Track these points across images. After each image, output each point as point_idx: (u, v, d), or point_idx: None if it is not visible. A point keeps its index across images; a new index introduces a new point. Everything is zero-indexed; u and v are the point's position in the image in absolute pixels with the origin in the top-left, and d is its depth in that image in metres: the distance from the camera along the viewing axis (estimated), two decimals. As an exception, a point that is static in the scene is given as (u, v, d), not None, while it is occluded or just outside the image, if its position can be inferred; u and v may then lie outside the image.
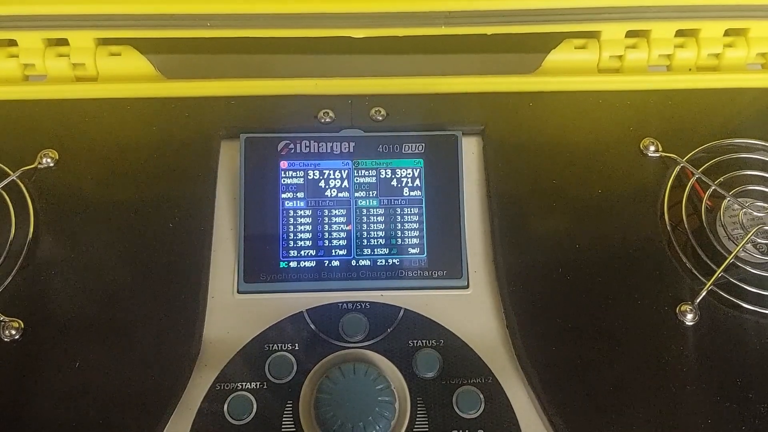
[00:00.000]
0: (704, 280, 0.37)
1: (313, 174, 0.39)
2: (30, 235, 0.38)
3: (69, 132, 0.41)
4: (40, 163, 0.40)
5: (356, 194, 0.39)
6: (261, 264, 0.38)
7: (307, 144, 0.40)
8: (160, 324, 0.36)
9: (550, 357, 0.35)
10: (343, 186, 0.39)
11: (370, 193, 0.39)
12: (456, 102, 0.42)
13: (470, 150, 0.41)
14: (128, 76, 0.43)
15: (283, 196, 0.39)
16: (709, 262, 0.37)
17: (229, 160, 0.40)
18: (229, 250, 0.39)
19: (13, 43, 0.43)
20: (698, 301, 0.36)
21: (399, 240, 0.39)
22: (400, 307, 0.37)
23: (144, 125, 0.41)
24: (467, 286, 0.38)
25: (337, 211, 0.39)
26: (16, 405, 0.34)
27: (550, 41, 0.44)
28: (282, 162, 0.39)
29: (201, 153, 0.40)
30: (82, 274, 0.37)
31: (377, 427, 0.33)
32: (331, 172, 0.39)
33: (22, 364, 0.35)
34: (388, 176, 0.39)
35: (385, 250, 0.38)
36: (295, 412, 0.35)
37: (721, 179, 0.39)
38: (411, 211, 0.39)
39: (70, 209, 0.38)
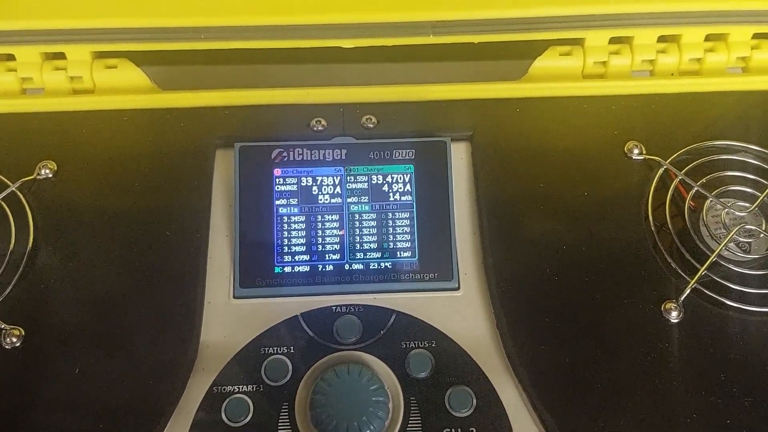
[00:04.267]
0: (688, 279, 0.38)
1: (307, 181, 0.40)
2: (30, 245, 0.38)
3: (67, 143, 0.41)
4: (39, 175, 0.40)
5: (348, 200, 0.40)
6: (256, 269, 0.39)
7: (300, 152, 0.41)
8: (158, 330, 0.37)
9: (539, 356, 0.36)
10: (335, 192, 0.40)
11: (362, 198, 0.40)
12: (445, 109, 0.43)
13: (459, 155, 0.42)
14: (124, 88, 0.44)
15: (277, 202, 0.40)
16: (692, 261, 0.38)
17: (224, 169, 0.41)
18: (225, 256, 0.39)
19: (11, 57, 0.44)
20: (683, 299, 0.37)
21: (391, 244, 0.39)
22: (393, 310, 0.38)
23: (140, 136, 0.42)
24: (458, 288, 0.39)
25: (330, 217, 0.40)
26: (17, 411, 0.35)
27: (536, 48, 0.46)
28: (276, 169, 0.40)
29: (196, 162, 0.41)
30: (81, 282, 0.38)
31: (371, 427, 0.34)
32: (324, 178, 0.40)
33: (23, 371, 0.36)
34: (380, 182, 0.40)
35: (378, 254, 0.39)
36: (291, 414, 0.35)
37: (704, 180, 0.40)
38: (402, 215, 0.40)
39: (68, 219, 0.39)
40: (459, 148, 0.42)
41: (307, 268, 0.39)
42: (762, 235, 0.39)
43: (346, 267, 0.39)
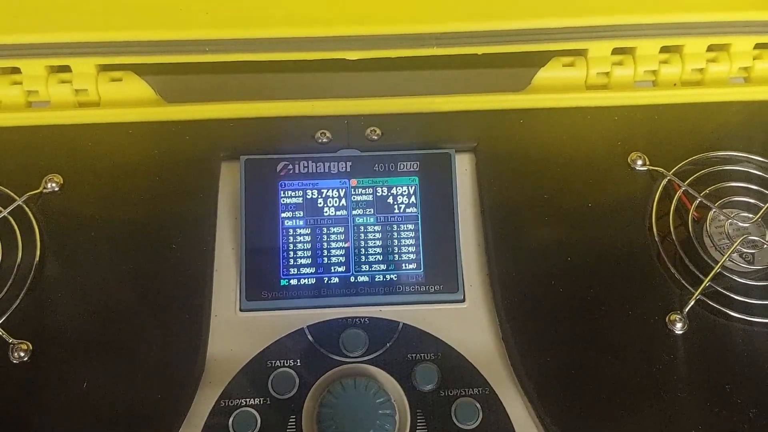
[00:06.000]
0: (692, 290, 0.38)
1: (312, 193, 0.40)
2: (36, 259, 0.38)
3: (73, 157, 0.41)
4: (45, 188, 0.40)
5: (354, 212, 0.40)
6: (262, 282, 0.39)
7: (306, 164, 0.41)
8: (165, 343, 0.37)
9: (544, 367, 0.36)
10: (340, 204, 0.40)
11: (367, 210, 0.40)
12: (449, 120, 0.43)
13: (463, 167, 0.42)
14: (130, 101, 0.44)
15: (283, 215, 0.40)
16: (696, 272, 0.38)
17: (230, 181, 0.41)
18: (231, 269, 0.40)
19: (16, 70, 0.44)
20: (687, 310, 0.37)
21: (396, 256, 0.40)
22: (399, 322, 0.38)
23: (146, 148, 0.42)
24: (463, 300, 0.39)
25: (335, 229, 0.40)
26: (26, 426, 0.35)
27: (540, 57, 0.46)
28: (281, 182, 0.40)
29: (202, 175, 0.41)
30: (88, 295, 0.38)
31: (378, 440, 0.34)
32: (329, 191, 0.41)
33: (32, 385, 0.36)
34: (384, 194, 0.41)
35: (383, 266, 0.39)
36: (298, 427, 0.36)
37: (707, 191, 0.40)
38: (407, 227, 0.40)
39: (75, 232, 0.39)
40: (463, 160, 0.42)
41: (312, 281, 0.39)
42: (765, 245, 0.39)
43: (352, 279, 0.39)
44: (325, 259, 0.40)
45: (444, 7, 0.44)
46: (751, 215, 0.40)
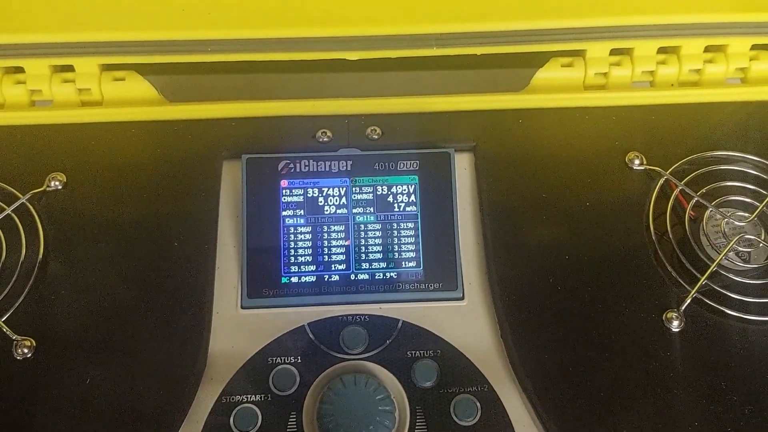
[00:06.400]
0: (689, 288, 0.38)
1: (313, 192, 0.41)
2: (40, 256, 0.39)
3: (76, 155, 0.42)
4: (48, 186, 0.41)
5: (354, 211, 0.41)
6: (263, 280, 0.39)
7: (307, 163, 0.41)
8: (167, 340, 0.37)
9: (543, 365, 0.37)
10: (341, 203, 0.41)
11: (368, 209, 0.41)
12: (448, 120, 0.43)
13: (463, 166, 0.43)
14: (132, 100, 0.44)
15: (284, 213, 0.40)
16: (693, 270, 0.39)
17: (231, 180, 0.42)
18: (233, 267, 0.40)
19: (20, 70, 0.45)
20: (684, 308, 0.38)
21: (396, 254, 0.40)
22: (398, 319, 0.39)
23: (148, 147, 0.42)
24: (462, 298, 0.39)
25: (335, 227, 0.40)
26: (29, 421, 0.35)
27: (538, 57, 0.46)
28: (282, 181, 0.41)
29: (204, 173, 0.41)
30: (91, 292, 0.38)
31: (378, 436, 0.34)
32: (330, 189, 0.41)
33: (35, 381, 0.36)
34: (385, 193, 0.41)
35: (383, 264, 0.40)
36: (298, 423, 0.36)
37: (704, 190, 0.41)
38: (407, 226, 0.40)
39: (78, 231, 0.40)
40: (462, 159, 0.43)
41: (313, 278, 0.40)
42: (761, 244, 0.39)
43: (352, 277, 0.40)
44: (326, 257, 0.40)
45: (444, 7, 0.44)
46: (747, 214, 0.40)
